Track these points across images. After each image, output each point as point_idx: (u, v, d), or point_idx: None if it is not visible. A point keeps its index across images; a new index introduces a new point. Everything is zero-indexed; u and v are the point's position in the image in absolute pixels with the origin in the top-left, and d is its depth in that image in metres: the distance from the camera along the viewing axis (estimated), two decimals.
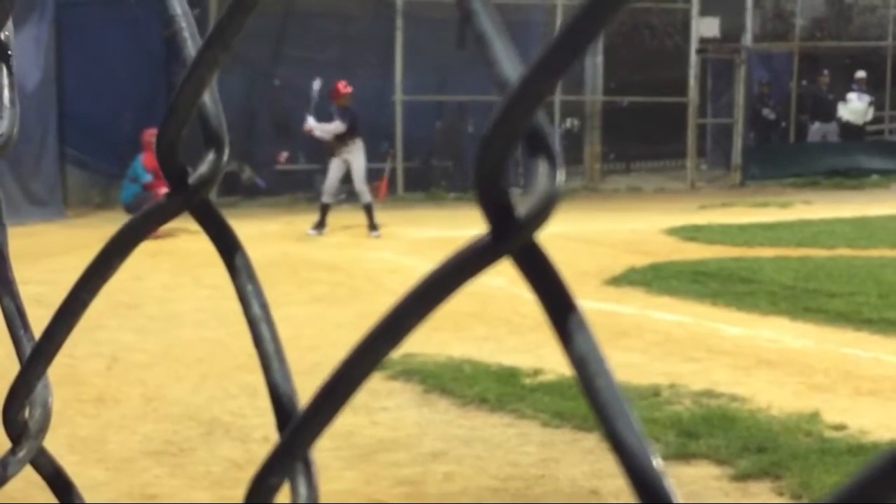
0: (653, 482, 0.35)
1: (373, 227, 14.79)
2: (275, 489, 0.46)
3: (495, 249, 0.38)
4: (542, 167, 0.38)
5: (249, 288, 0.52)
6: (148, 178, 14.93)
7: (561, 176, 0.38)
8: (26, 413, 0.68)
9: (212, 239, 0.53)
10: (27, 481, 0.73)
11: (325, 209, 14.99)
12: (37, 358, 0.63)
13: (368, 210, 14.83)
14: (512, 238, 0.38)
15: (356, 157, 15.08)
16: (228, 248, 0.53)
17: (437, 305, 0.39)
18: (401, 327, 0.40)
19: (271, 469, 0.45)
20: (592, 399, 0.37)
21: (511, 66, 0.40)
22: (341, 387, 0.42)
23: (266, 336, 0.51)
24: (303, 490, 0.47)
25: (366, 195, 14.97)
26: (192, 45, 0.53)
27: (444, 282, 0.39)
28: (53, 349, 0.62)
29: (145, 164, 15.05)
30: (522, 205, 0.38)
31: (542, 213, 0.38)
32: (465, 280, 0.39)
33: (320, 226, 14.94)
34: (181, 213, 0.53)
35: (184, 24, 0.54)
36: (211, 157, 0.52)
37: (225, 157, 0.53)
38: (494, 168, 0.38)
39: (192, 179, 0.52)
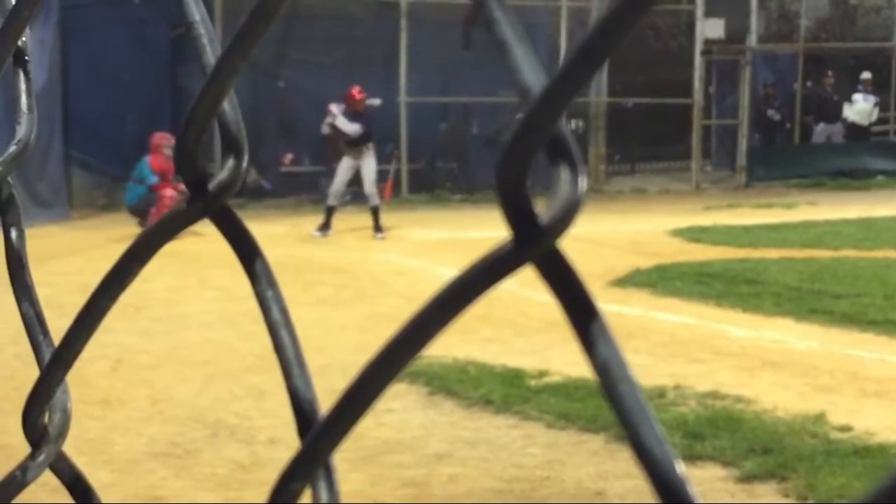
0: (676, 489, 0.36)
1: (378, 229, 14.82)
2: (297, 495, 0.46)
3: (518, 256, 0.38)
4: (564, 174, 0.38)
5: (269, 294, 0.52)
6: (154, 179, 15.00)
7: (583, 183, 0.39)
8: (46, 418, 0.68)
9: (232, 245, 0.54)
10: (36, 483, 0.73)
11: (330, 211, 15.02)
12: (56, 363, 0.64)
13: (375, 213, 14.87)
14: (535, 245, 0.38)
15: (367, 161, 15.15)
16: (249, 254, 0.53)
17: (460, 312, 0.39)
18: (424, 334, 0.40)
19: (293, 475, 0.46)
20: (615, 405, 0.37)
21: (532, 74, 0.40)
22: (363, 393, 0.42)
23: (286, 342, 0.51)
24: (324, 495, 0.47)
25: (375, 198, 15.01)
26: (210, 51, 0.54)
27: (468, 288, 0.39)
28: (73, 355, 0.62)
29: (152, 166, 15.11)
30: (545, 211, 0.38)
31: (564, 220, 0.38)
32: (489, 287, 0.39)
33: (325, 227, 14.97)
34: (201, 220, 0.54)
35: (202, 31, 0.54)
36: (231, 163, 0.53)
37: (245, 164, 0.53)
38: (518, 175, 0.38)
39: (212, 186, 0.53)
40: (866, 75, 23.47)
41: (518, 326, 8.82)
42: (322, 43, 19.42)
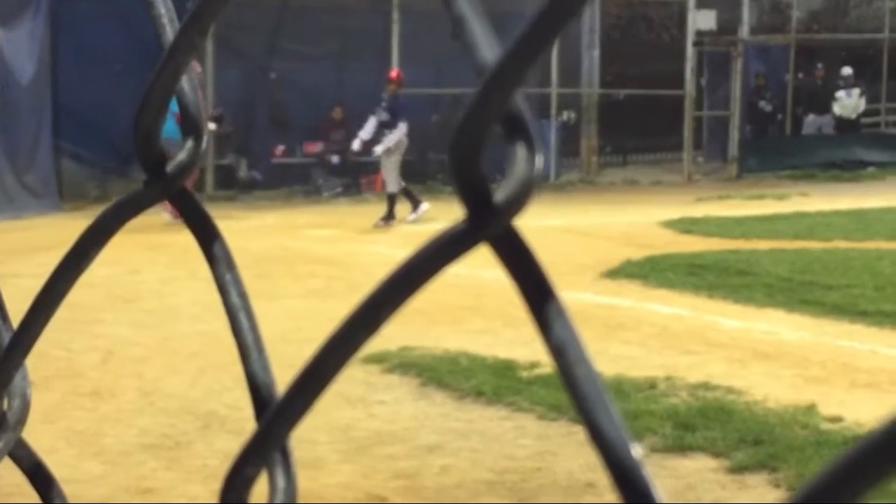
0: (631, 472, 0.35)
1: (386, 218, 14.91)
2: (251, 481, 0.45)
3: (472, 236, 0.38)
4: (520, 152, 0.38)
5: (228, 277, 0.51)
6: None
7: (539, 161, 0.38)
8: (4, 404, 0.67)
9: (190, 227, 0.53)
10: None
11: (392, 199, 15.06)
12: (15, 348, 0.63)
13: (391, 200, 14.98)
14: (489, 224, 0.37)
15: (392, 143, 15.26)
16: (207, 236, 0.52)
17: (413, 293, 0.39)
18: (377, 315, 0.39)
19: (247, 459, 0.45)
20: (571, 388, 0.36)
21: (489, 50, 0.39)
22: (318, 375, 0.41)
23: (245, 325, 0.50)
24: (281, 482, 0.46)
25: (392, 185, 15.08)
26: (170, 30, 0.53)
27: (421, 269, 0.38)
28: (31, 339, 0.61)
29: None
30: (500, 191, 0.37)
31: (519, 199, 0.37)
32: (442, 267, 0.38)
33: (389, 217, 15.04)
34: (159, 202, 0.53)
35: (163, 10, 0.53)
36: (190, 144, 0.52)
37: (204, 145, 0.52)
38: (471, 153, 0.37)
39: (170, 167, 0.52)
40: (847, 71, 23.46)
41: (509, 317, 8.80)
42: (314, 34, 19.38)
